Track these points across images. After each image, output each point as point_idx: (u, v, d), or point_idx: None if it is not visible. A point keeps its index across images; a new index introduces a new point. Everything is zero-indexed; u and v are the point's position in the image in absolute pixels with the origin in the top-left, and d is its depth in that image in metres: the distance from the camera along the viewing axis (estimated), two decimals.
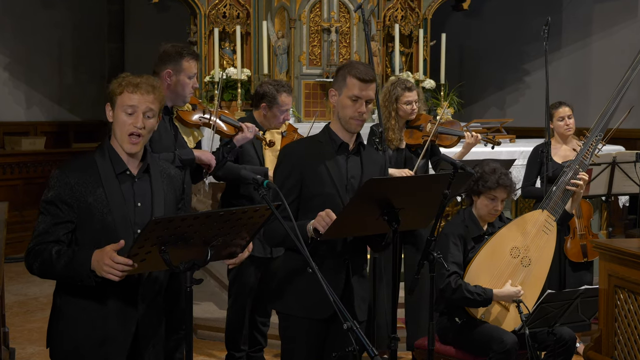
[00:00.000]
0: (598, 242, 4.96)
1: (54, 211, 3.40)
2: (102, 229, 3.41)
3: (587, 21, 11.28)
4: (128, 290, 3.46)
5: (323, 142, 3.93)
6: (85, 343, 3.48)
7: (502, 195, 4.97)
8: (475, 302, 4.81)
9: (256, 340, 5.99)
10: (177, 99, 5.00)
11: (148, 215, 3.48)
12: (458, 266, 4.87)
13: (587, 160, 5.24)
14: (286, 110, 5.75)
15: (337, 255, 3.89)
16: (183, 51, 4.95)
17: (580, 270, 6.35)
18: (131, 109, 3.44)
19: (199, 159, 5.05)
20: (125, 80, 3.46)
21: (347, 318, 3.08)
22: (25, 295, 8.31)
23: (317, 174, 3.85)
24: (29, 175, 10.71)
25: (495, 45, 12.29)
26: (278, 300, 4.00)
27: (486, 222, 5.08)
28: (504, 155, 7.39)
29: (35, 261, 3.38)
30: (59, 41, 11.98)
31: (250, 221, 3.33)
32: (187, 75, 4.93)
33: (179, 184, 3.73)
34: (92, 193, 3.41)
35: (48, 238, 3.38)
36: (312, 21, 8.99)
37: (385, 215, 3.66)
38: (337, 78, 3.93)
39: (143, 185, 3.54)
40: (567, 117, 6.43)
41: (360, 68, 3.86)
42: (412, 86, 6.03)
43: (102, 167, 3.47)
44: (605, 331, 4.65)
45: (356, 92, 3.82)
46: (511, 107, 12.19)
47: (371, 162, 4.01)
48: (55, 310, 3.58)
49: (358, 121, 3.86)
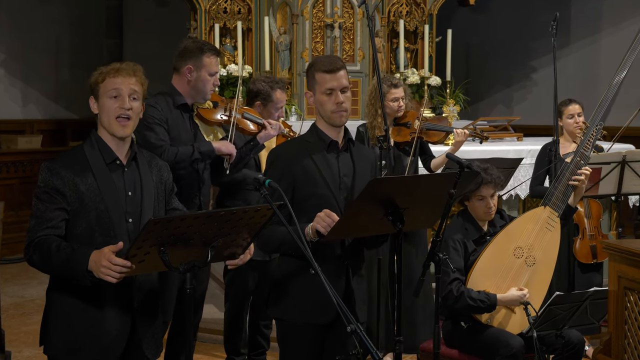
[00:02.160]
0: (608, 243, 4.94)
1: (48, 198, 3.44)
2: (95, 218, 3.46)
3: (596, 17, 11.27)
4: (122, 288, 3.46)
5: (311, 142, 3.95)
6: (81, 338, 3.50)
7: (489, 192, 4.97)
8: (479, 309, 4.79)
9: (259, 344, 5.99)
10: (198, 96, 5.00)
11: (139, 204, 3.55)
12: (459, 272, 4.86)
13: (588, 151, 5.21)
14: (281, 107, 5.75)
15: (337, 259, 3.89)
16: (204, 47, 4.97)
17: (590, 271, 6.35)
18: (116, 92, 3.51)
19: (219, 150, 4.99)
20: (106, 69, 3.55)
21: (351, 320, 3.08)
22: (22, 297, 8.31)
23: (308, 175, 3.87)
24: (25, 175, 10.71)
25: (502, 42, 12.29)
26: (275, 306, 3.99)
27: (485, 221, 5.06)
28: (512, 154, 7.39)
29: (35, 253, 3.40)
30: (55, 37, 11.99)
31: (252, 221, 3.34)
32: (208, 71, 4.94)
33: (167, 174, 3.77)
34: (84, 182, 3.46)
35: (46, 224, 3.41)
36: (315, 17, 9.00)
37: (389, 215, 3.65)
38: (307, 79, 4.01)
39: (132, 174, 3.60)
40: (577, 114, 6.41)
41: (324, 60, 3.95)
42: (398, 83, 6.06)
43: (91, 157, 3.53)
44: (614, 334, 4.64)
45: (327, 85, 3.87)
46: (519, 104, 12.19)
47: (362, 159, 4.03)
48: (49, 307, 3.59)
49: (340, 112, 3.88)
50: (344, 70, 3.93)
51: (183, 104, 4.95)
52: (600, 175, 5.94)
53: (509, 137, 8.77)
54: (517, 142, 8.61)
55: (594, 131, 5.24)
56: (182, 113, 4.95)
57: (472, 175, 4.10)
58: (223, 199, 5.76)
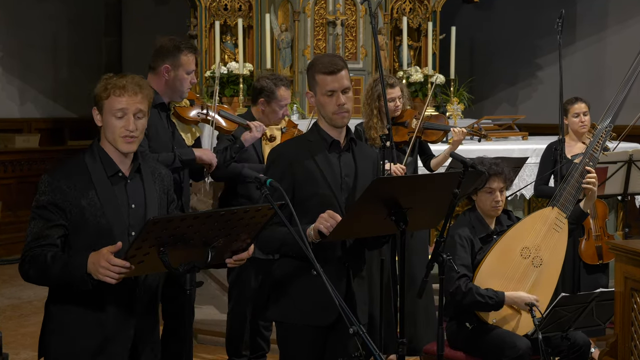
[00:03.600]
0: (614, 244, 4.94)
1: (47, 215, 3.41)
2: (96, 233, 3.42)
3: (603, 14, 11.26)
4: (125, 294, 3.47)
5: (313, 141, 3.94)
6: (82, 352, 3.48)
7: (498, 184, 4.98)
8: (487, 306, 4.80)
9: (259, 346, 5.98)
10: (175, 95, 4.99)
11: (142, 216, 3.51)
12: (467, 269, 4.87)
13: (597, 153, 5.21)
14: (285, 105, 5.74)
15: (338, 261, 3.88)
16: (181, 45, 4.93)
17: (595, 272, 6.34)
18: (121, 112, 3.46)
19: (200, 159, 5.03)
20: (110, 84, 3.47)
21: (353, 322, 3.08)
22: (19, 299, 8.31)
23: (309, 174, 3.85)
24: (22, 174, 10.70)
25: (507, 39, 12.27)
26: (275, 308, 3.98)
27: (492, 218, 5.06)
28: (516, 153, 7.38)
29: (31, 267, 3.38)
30: (53, 35, 11.99)
31: (252, 221, 3.33)
32: (185, 70, 4.92)
33: (169, 182, 3.75)
34: (85, 196, 3.43)
35: (42, 242, 3.38)
36: (317, 14, 9.00)
37: (392, 215, 3.65)
38: (308, 79, 3.99)
39: (136, 186, 3.56)
40: (583, 113, 6.41)
41: (325, 61, 3.90)
42: (394, 82, 6.07)
43: (93, 169, 3.49)
44: (621, 336, 4.63)
45: (328, 86, 3.85)
46: (523, 103, 12.18)
47: (364, 158, 4.02)
48: (48, 320, 3.57)
49: (342, 114, 3.87)
50: (345, 70, 3.91)
51: (160, 103, 4.92)
52: (606, 174, 5.94)
53: (513, 136, 8.77)
54: (522, 141, 8.61)
55: (604, 133, 5.25)
56: (159, 112, 4.93)
57: (477, 175, 4.10)
58: (228, 197, 5.76)
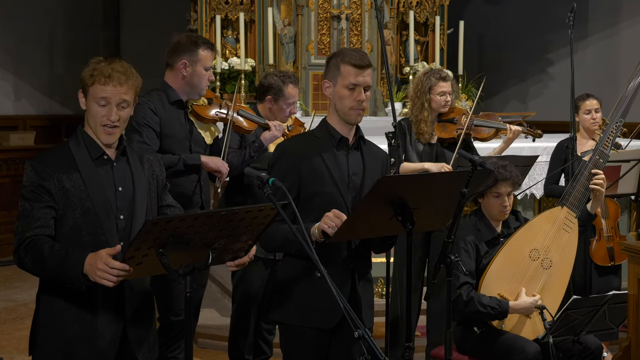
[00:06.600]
0: (627, 245, 4.93)
1: (35, 197, 3.43)
2: (82, 215, 3.45)
3: (616, 8, 11.25)
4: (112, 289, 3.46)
5: (321, 137, 3.90)
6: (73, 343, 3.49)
7: (506, 189, 4.96)
8: (489, 316, 4.79)
9: (261, 350, 5.98)
10: (193, 92, 5.03)
11: (130, 199, 3.54)
12: (470, 275, 4.85)
13: (607, 149, 5.20)
14: (293, 102, 5.75)
15: (343, 262, 3.87)
16: (198, 40, 5.02)
17: (607, 274, 6.34)
18: (104, 101, 3.50)
19: (206, 165, 5.05)
20: (97, 70, 3.51)
21: (358, 325, 3.08)
22: (14, 302, 8.31)
23: (315, 172, 3.83)
24: (17, 173, 10.68)
25: (516, 34, 12.27)
26: (277, 310, 3.97)
27: (499, 222, 5.06)
28: (526, 151, 7.37)
29: (27, 256, 3.38)
30: (49, 30, 12.00)
31: (255, 221, 3.33)
32: (203, 66, 4.98)
33: (159, 169, 3.76)
34: (69, 179, 3.45)
35: (34, 223, 3.40)
36: (321, 8, 9.01)
37: (399, 215, 3.64)
38: (329, 68, 3.91)
39: (122, 168, 3.59)
40: (595, 110, 6.40)
41: (354, 54, 3.85)
42: (447, 76, 5.98)
43: (77, 153, 3.53)
44: (635, 340, 4.63)
45: (352, 79, 3.80)
46: (534, 99, 12.18)
47: (373, 157, 4.00)
48: (38, 312, 3.58)
49: (358, 111, 3.84)
50: (371, 69, 3.89)
51: (178, 100, 4.99)
52: (619, 173, 5.94)
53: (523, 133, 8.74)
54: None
55: (614, 128, 5.23)
56: (177, 110, 4.98)
57: (485, 174, 4.09)
58: (232, 192, 5.76)
